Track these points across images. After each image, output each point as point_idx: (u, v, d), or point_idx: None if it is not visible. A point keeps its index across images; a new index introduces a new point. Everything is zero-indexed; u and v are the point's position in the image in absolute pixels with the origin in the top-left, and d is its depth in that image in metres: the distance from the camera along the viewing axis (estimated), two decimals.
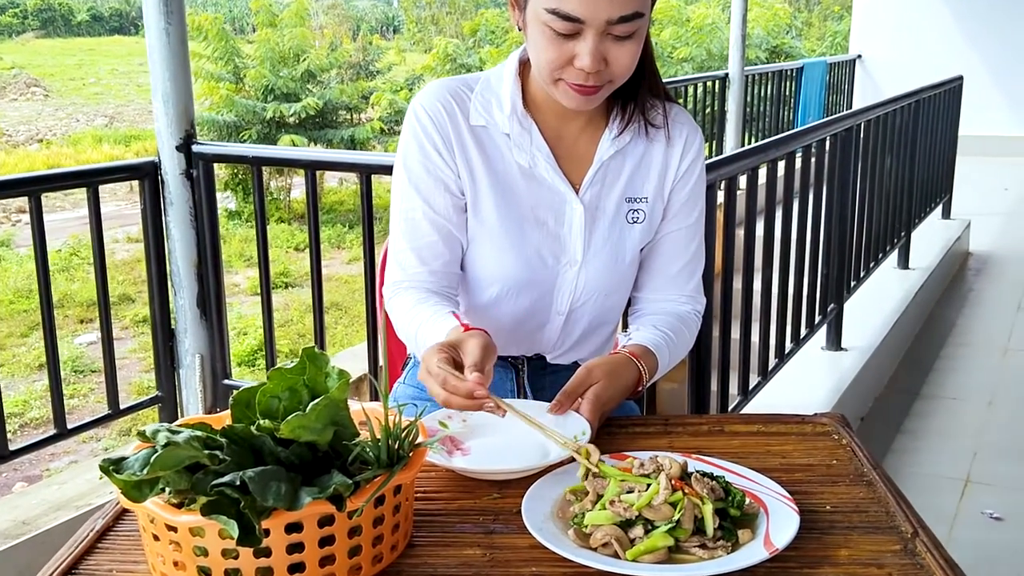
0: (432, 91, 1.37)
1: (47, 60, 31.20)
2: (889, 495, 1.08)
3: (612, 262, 1.39)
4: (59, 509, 2.36)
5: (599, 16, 1.18)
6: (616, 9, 1.18)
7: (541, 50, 1.24)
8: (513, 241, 1.36)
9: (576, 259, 1.37)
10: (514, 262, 1.36)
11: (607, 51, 1.22)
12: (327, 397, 0.87)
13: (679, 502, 0.98)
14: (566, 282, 1.39)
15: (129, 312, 8.91)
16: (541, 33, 1.22)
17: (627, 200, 1.38)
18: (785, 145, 2.83)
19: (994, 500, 2.87)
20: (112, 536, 1.02)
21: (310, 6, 19.55)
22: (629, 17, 1.19)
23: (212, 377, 2.70)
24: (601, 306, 1.43)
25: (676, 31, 14.58)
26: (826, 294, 3.41)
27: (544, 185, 1.35)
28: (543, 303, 1.40)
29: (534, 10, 1.22)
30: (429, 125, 1.34)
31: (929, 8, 9.43)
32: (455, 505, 1.08)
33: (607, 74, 1.24)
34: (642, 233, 1.40)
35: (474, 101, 1.35)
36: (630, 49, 1.23)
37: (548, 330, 1.43)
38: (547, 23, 1.20)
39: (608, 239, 1.38)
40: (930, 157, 5.15)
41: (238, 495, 0.80)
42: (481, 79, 1.38)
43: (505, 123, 1.34)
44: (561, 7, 1.18)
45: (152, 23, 2.41)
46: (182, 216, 2.57)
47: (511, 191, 1.35)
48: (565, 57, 1.22)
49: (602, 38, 1.20)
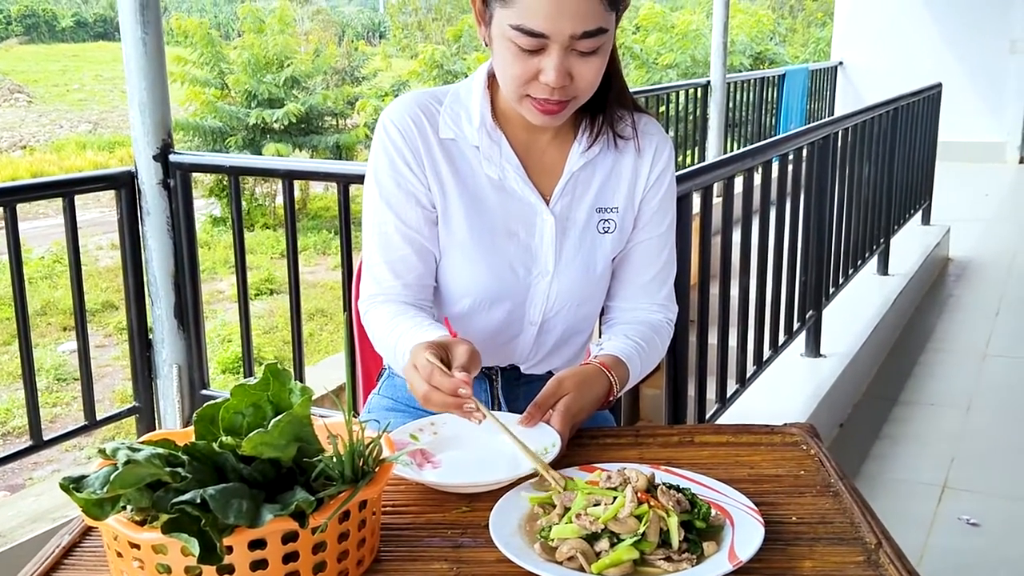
0: (401, 105, 1.37)
1: (31, 66, 31.04)
2: (855, 505, 1.09)
3: (584, 272, 1.40)
4: (35, 521, 2.35)
5: (563, 32, 1.19)
6: (579, 25, 1.19)
7: (507, 66, 1.24)
8: (484, 253, 1.36)
9: (548, 270, 1.38)
10: (486, 274, 1.37)
11: (572, 66, 1.23)
12: (289, 413, 0.87)
13: (645, 515, 0.98)
14: (538, 293, 1.39)
15: (112, 319, 8.86)
16: (507, 49, 1.23)
17: (597, 210, 1.39)
18: (762, 154, 2.85)
19: (971, 506, 2.89)
20: (78, 552, 1.02)
21: (295, 12, 19.53)
22: (593, 32, 1.21)
23: (190, 387, 2.69)
24: (574, 316, 1.44)
25: (661, 37, 14.63)
26: (805, 301, 3.42)
27: (514, 197, 1.36)
28: (516, 314, 1.41)
29: (499, 26, 1.23)
30: (399, 139, 1.35)
31: (910, 16, 9.51)
32: (423, 519, 1.08)
33: (572, 90, 1.25)
34: (613, 243, 1.41)
35: (443, 114, 1.36)
36: (594, 65, 1.24)
37: (521, 340, 1.44)
38: (512, 39, 1.21)
39: (579, 249, 1.39)
40: (910, 163, 5.18)
41: (199, 513, 0.80)
42: (450, 92, 1.38)
43: (474, 136, 1.35)
44: (525, 23, 1.19)
45: (128, 32, 2.40)
46: (159, 226, 2.56)
47: (481, 203, 1.36)
48: (530, 73, 1.23)
49: (566, 53, 1.22)
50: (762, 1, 32.47)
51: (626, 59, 15.35)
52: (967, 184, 7.92)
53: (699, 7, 18.39)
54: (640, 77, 14.52)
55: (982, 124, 9.21)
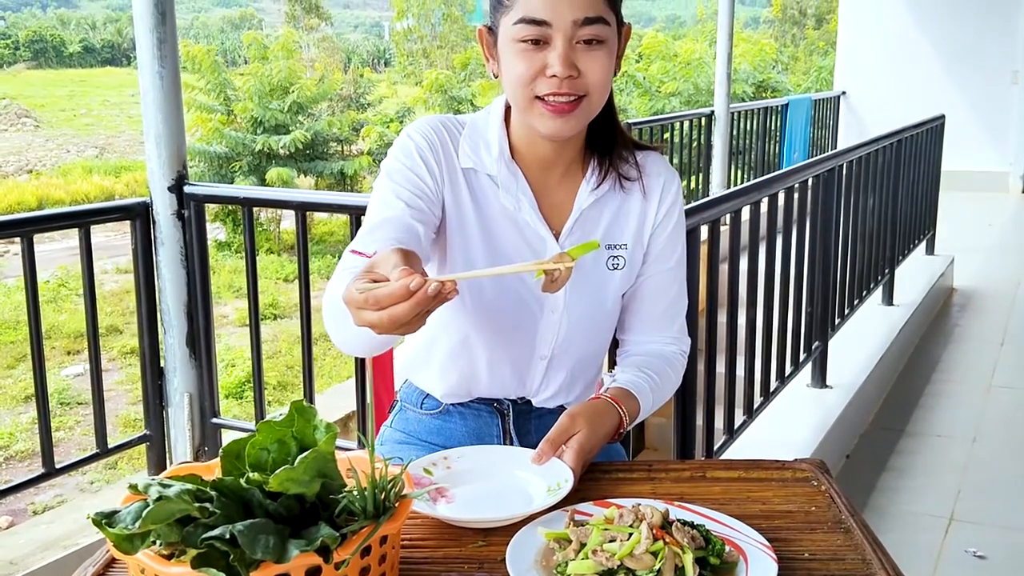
0: (425, 121, 1.38)
1: (38, 91, 31.27)
2: (866, 542, 1.10)
3: (593, 308, 1.41)
4: (47, 549, 2.36)
5: (564, 17, 1.22)
6: (580, 10, 1.22)
7: (514, 68, 1.26)
8: (496, 283, 1.37)
9: (558, 305, 1.39)
10: (497, 305, 1.38)
11: (577, 59, 1.24)
12: (315, 450, 0.89)
13: (660, 551, 1.00)
14: (549, 327, 1.40)
15: (116, 344, 8.90)
16: (514, 52, 1.25)
17: (607, 247, 1.40)
18: (769, 187, 2.88)
19: (978, 538, 2.89)
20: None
21: (300, 39, 19.68)
22: (594, 19, 1.23)
23: (200, 416, 2.71)
24: (583, 351, 1.45)
25: (664, 66, 14.75)
26: (811, 331, 3.44)
27: (527, 230, 1.37)
28: (525, 346, 1.42)
29: (505, 34, 1.26)
30: (423, 143, 1.34)
31: (912, 46, 9.59)
32: (440, 553, 1.09)
33: (581, 85, 1.26)
34: (622, 279, 1.43)
35: (462, 143, 1.37)
36: (600, 58, 1.26)
37: (531, 374, 1.45)
38: (518, 37, 1.24)
39: (589, 285, 1.40)
40: (913, 194, 5.21)
41: (227, 548, 0.81)
42: (468, 123, 1.39)
43: (493, 166, 1.35)
44: (527, 14, 1.22)
45: (146, 66, 2.44)
46: (173, 256, 2.59)
47: (495, 234, 1.37)
48: (537, 68, 1.24)
49: (570, 45, 1.24)
50: (764, 29, 32.72)
51: (629, 87, 15.47)
52: (971, 214, 7.95)
53: (702, 36, 18.54)
54: (643, 105, 14.62)
55: (985, 154, 9.26)
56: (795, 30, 30.98)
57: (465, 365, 1.42)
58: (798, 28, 30.98)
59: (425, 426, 1.49)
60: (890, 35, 9.73)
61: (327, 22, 32.28)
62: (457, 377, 1.44)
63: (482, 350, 1.41)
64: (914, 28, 9.59)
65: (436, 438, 1.47)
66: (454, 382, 1.44)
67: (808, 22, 30.64)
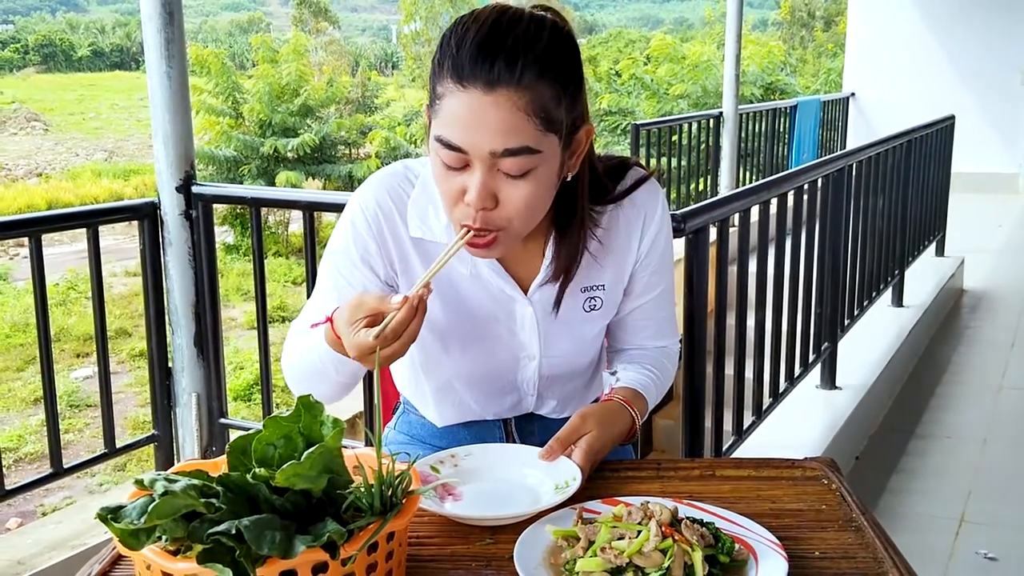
0: (370, 192, 1.30)
1: (47, 95, 31.43)
2: (877, 541, 1.09)
3: (572, 349, 1.38)
4: (54, 549, 2.36)
5: (481, 147, 1.10)
6: (500, 142, 1.10)
7: (438, 182, 1.18)
8: (465, 340, 1.33)
9: (534, 354, 1.35)
10: (472, 360, 1.35)
11: (498, 188, 1.13)
12: (322, 446, 0.88)
13: (669, 549, 0.99)
14: (528, 374, 1.37)
15: (125, 346, 8.92)
16: (437, 165, 1.16)
17: (583, 290, 1.33)
18: (777, 187, 2.87)
19: (989, 540, 2.87)
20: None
21: (309, 42, 19.73)
22: (516, 151, 1.10)
23: (208, 416, 2.71)
24: (570, 382, 1.42)
25: (672, 68, 14.72)
26: (820, 332, 3.43)
27: (491, 288, 1.30)
28: (509, 389, 1.39)
29: (433, 138, 1.15)
30: (364, 229, 1.28)
31: (921, 48, 9.56)
32: (448, 551, 1.09)
33: (497, 217, 1.15)
34: (601, 317, 1.38)
35: (410, 211, 1.28)
36: (524, 190, 1.14)
37: (523, 405, 1.43)
38: (437, 153, 1.14)
39: (565, 331, 1.35)
40: (923, 195, 5.19)
41: (233, 543, 0.81)
42: (420, 179, 1.29)
43: (442, 233, 1.26)
44: (444, 135, 1.12)
45: (154, 66, 2.45)
46: (181, 256, 2.59)
47: (458, 293, 1.30)
48: (456, 191, 1.15)
49: (492, 173, 1.13)
50: (773, 32, 32.67)
51: (637, 89, 15.47)
52: (981, 215, 7.91)
53: (710, 38, 18.53)
54: (651, 107, 14.60)
55: (995, 155, 9.22)
56: (804, 32, 30.92)
57: (456, 401, 1.41)
58: (807, 30, 30.92)
59: (428, 430, 1.48)
60: (899, 36, 9.70)
61: (335, 25, 32.39)
62: (451, 409, 1.43)
63: (467, 392, 1.40)
64: (923, 29, 9.56)
65: (439, 441, 1.46)
66: (448, 413, 1.43)
67: (817, 24, 30.58)
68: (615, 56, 18.06)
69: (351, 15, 70.47)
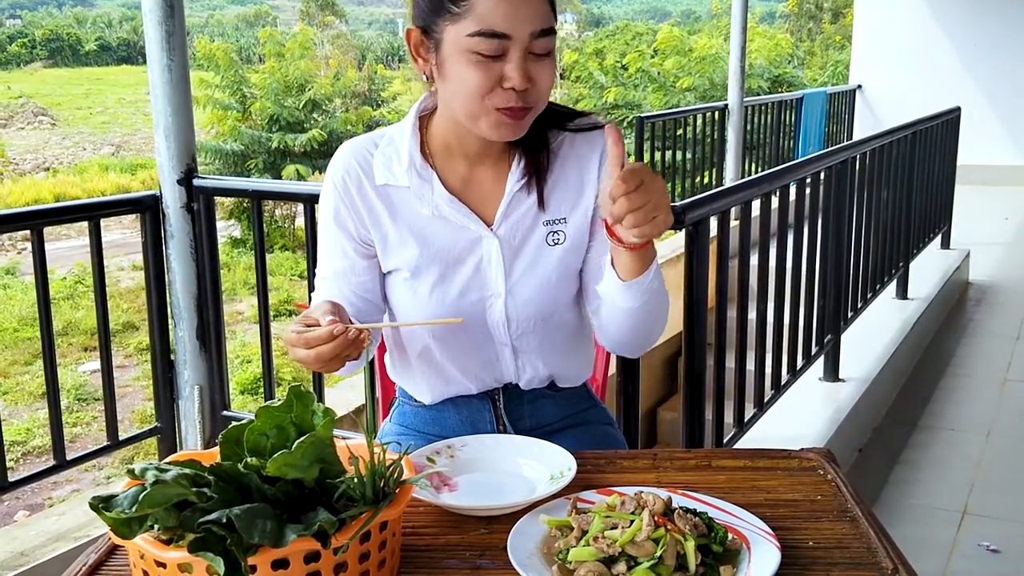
0: (338, 159, 1.41)
1: (55, 89, 31.48)
2: (871, 531, 1.09)
3: (539, 287, 1.39)
4: (57, 540, 2.37)
5: (524, 30, 1.23)
6: (537, 23, 1.24)
7: (467, 79, 1.25)
8: (434, 286, 1.38)
9: (499, 291, 1.38)
10: (440, 304, 1.38)
11: (530, 70, 1.26)
12: (313, 435, 0.89)
13: (662, 538, 0.99)
14: (495, 313, 1.39)
15: (133, 340, 8.95)
16: (466, 63, 1.25)
17: (544, 223, 1.39)
18: (780, 178, 2.86)
19: (991, 532, 2.87)
20: (104, 571, 1.04)
21: (315, 36, 19.72)
22: (548, 31, 1.25)
23: (211, 408, 2.72)
24: (544, 328, 1.42)
25: (679, 60, 14.70)
26: (823, 324, 3.42)
27: (455, 226, 1.37)
28: (483, 337, 1.41)
29: (454, 43, 1.25)
30: (339, 197, 1.39)
31: (929, 39, 9.51)
32: (442, 540, 1.09)
33: (532, 95, 1.27)
34: (565, 253, 1.40)
35: (376, 159, 1.39)
36: (548, 68, 1.28)
37: (501, 362, 1.44)
38: (473, 49, 1.23)
39: (530, 266, 1.39)
40: (929, 187, 5.17)
41: (224, 532, 0.82)
42: (385, 135, 1.41)
43: (404, 177, 1.37)
44: (486, 27, 1.22)
45: (154, 59, 2.45)
46: (183, 249, 2.60)
47: (425, 238, 1.38)
48: (493, 80, 1.25)
49: (525, 56, 1.25)
50: (780, 24, 32.55)
51: (644, 82, 15.43)
52: (986, 208, 7.88)
53: (717, 31, 18.46)
54: (658, 100, 14.57)
55: (1001, 147, 9.17)
56: (811, 24, 30.81)
57: (437, 368, 1.44)
58: (814, 22, 30.81)
59: (421, 418, 1.51)
60: (906, 28, 9.65)
61: (341, 19, 32.35)
62: (435, 380, 1.46)
63: (445, 351, 1.42)
64: (931, 21, 9.51)
65: (432, 428, 1.49)
66: (434, 385, 1.46)
67: (824, 16, 30.47)
68: (622, 49, 18.00)
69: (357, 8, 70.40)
